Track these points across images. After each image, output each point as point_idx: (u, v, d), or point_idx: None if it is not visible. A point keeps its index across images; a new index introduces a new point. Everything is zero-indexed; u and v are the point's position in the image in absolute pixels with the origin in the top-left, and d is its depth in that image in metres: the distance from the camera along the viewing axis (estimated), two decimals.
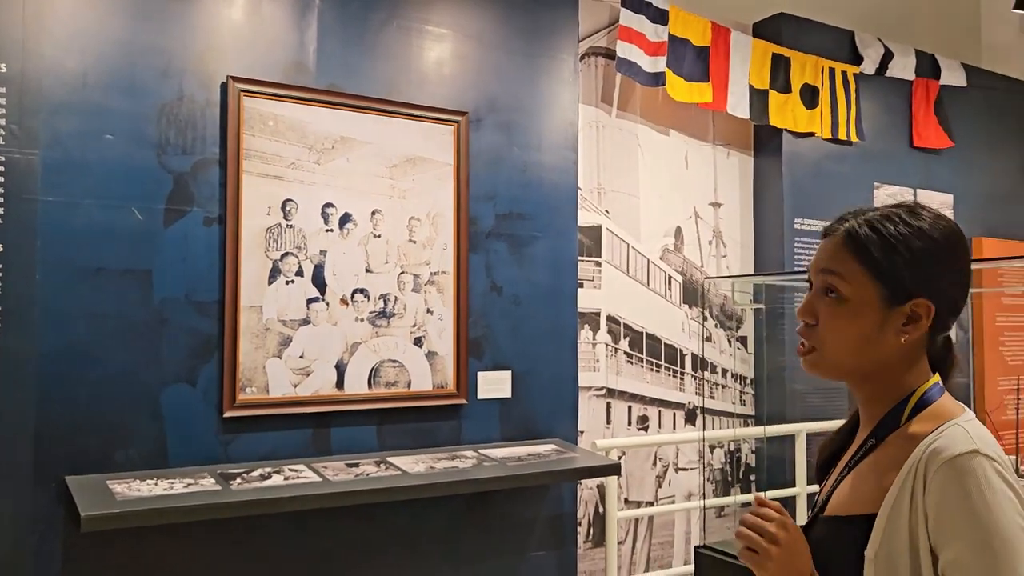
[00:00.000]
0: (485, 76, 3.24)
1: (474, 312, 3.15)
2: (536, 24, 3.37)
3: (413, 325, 3.02)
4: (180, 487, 2.40)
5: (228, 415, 2.66)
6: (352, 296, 2.90)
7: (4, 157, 2.38)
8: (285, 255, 2.79)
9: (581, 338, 3.66)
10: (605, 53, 3.90)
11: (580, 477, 3.35)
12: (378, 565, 2.92)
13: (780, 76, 4.23)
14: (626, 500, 3.88)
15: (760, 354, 4.33)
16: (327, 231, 2.87)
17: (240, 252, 2.70)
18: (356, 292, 2.91)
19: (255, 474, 2.57)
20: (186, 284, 2.63)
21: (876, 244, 1.14)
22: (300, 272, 2.81)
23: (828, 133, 4.38)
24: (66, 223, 2.47)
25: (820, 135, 4.36)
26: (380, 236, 2.97)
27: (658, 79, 3.84)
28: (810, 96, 4.32)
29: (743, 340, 4.36)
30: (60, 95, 2.48)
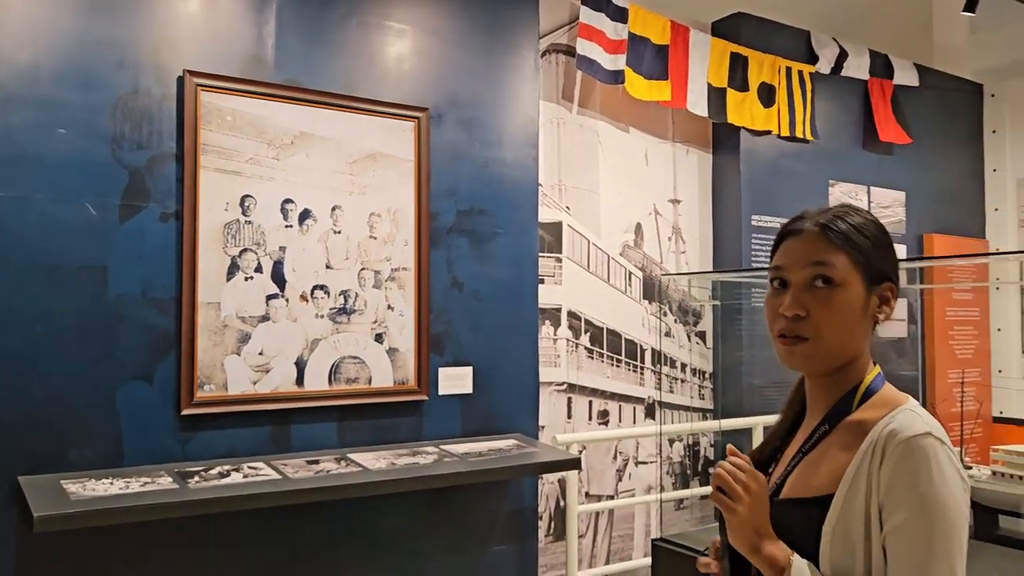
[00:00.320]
0: (446, 72, 3.24)
1: (435, 308, 3.16)
2: (497, 20, 3.38)
3: (374, 321, 3.01)
4: (136, 486, 2.37)
5: (186, 413, 2.64)
6: (312, 292, 2.89)
7: None
8: (244, 251, 2.76)
9: (542, 334, 3.68)
10: (566, 50, 3.92)
11: (541, 472, 3.37)
12: (339, 562, 2.92)
13: (738, 75, 4.29)
14: (586, 494, 3.92)
15: (718, 349, 4.39)
16: (286, 227, 2.85)
17: (198, 248, 2.67)
18: (316, 288, 2.90)
19: (213, 472, 2.55)
20: (142, 280, 2.60)
21: (853, 233, 1.22)
22: (259, 268, 2.79)
23: (785, 131, 4.45)
24: (19, 218, 2.43)
25: (777, 133, 4.43)
26: (340, 232, 2.96)
27: (618, 77, 3.87)
28: (767, 95, 4.39)
29: (702, 335, 4.42)
30: (12, 88, 2.43)
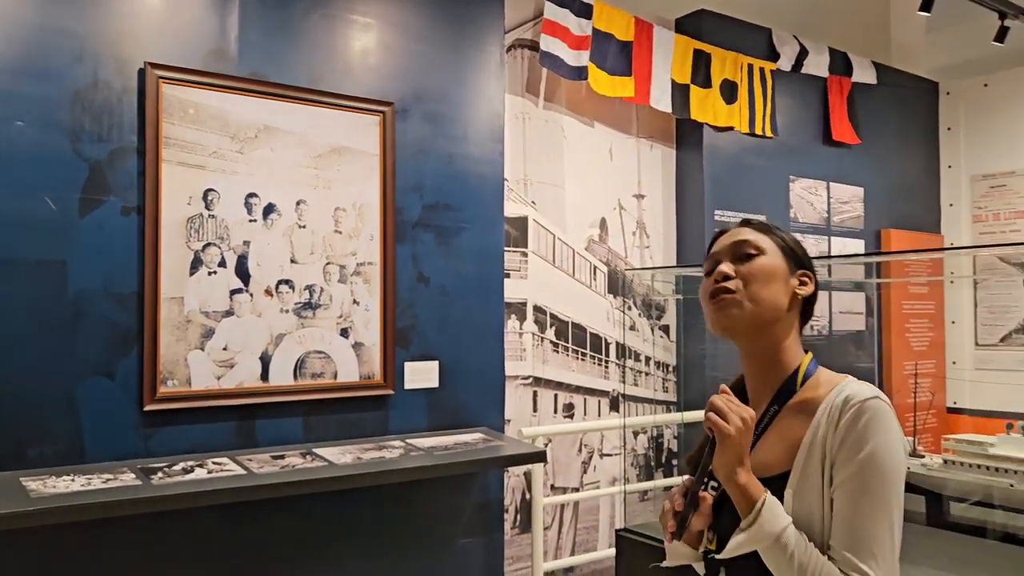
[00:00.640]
0: (411, 67, 3.24)
1: (401, 302, 3.16)
2: (462, 15, 3.38)
3: (339, 316, 3.01)
4: (99, 483, 2.34)
5: (148, 408, 2.61)
6: (277, 287, 2.88)
7: None
8: (207, 246, 2.74)
9: (508, 328, 3.70)
10: (531, 45, 3.94)
11: (507, 465, 3.40)
12: (305, 557, 2.91)
13: (701, 71, 4.35)
14: (552, 486, 3.95)
15: (681, 343, 4.45)
16: (251, 221, 2.83)
17: (160, 243, 2.64)
18: (281, 283, 2.89)
19: (177, 468, 2.53)
20: (103, 275, 2.57)
21: (772, 227, 1.45)
22: (223, 263, 2.77)
23: (746, 128, 4.52)
24: None
25: (739, 129, 4.50)
26: (305, 227, 2.94)
27: (581, 73, 3.90)
28: (729, 91, 4.45)
29: (665, 329, 4.47)
30: None
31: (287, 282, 2.90)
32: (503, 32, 3.54)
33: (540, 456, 3.15)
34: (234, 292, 2.79)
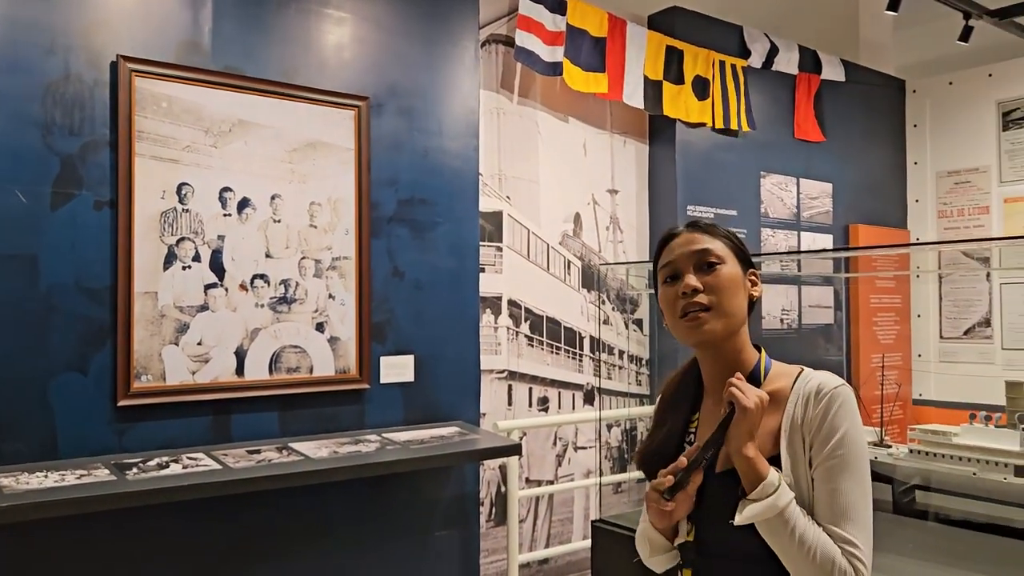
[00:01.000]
0: (386, 61, 3.24)
1: (376, 297, 3.16)
2: (436, 10, 3.38)
3: (315, 310, 3.01)
4: (72, 478, 2.33)
5: (122, 404, 2.60)
6: (252, 282, 2.87)
7: None
8: (181, 240, 2.73)
9: (483, 322, 3.72)
10: (505, 40, 3.95)
11: (482, 458, 3.42)
12: (282, 552, 2.91)
13: (673, 68, 4.39)
14: (527, 479, 3.98)
15: (655, 336, 4.50)
16: (225, 216, 2.82)
17: (133, 237, 2.63)
18: (256, 278, 2.88)
19: (152, 464, 2.52)
20: (75, 270, 2.54)
21: (718, 228, 1.48)
22: (197, 257, 2.76)
23: (720, 123, 4.56)
24: None
25: (711, 126, 4.55)
26: (280, 221, 2.94)
27: (556, 68, 3.92)
28: (702, 88, 4.49)
29: (639, 323, 4.52)
30: None
31: (262, 277, 2.90)
32: (478, 27, 3.55)
33: (515, 449, 3.17)
34: (209, 287, 2.78)
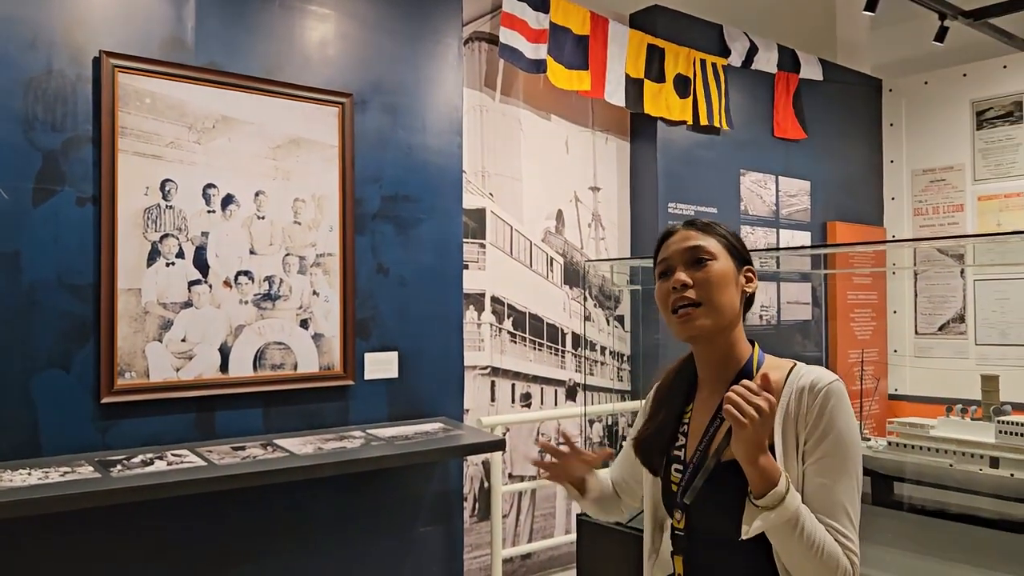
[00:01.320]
0: (369, 58, 3.24)
1: (361, 293, 3.17)
2: (420, 7, 3.39)
3: (299, 307, 3.01)
4: (56, 476, 2.32)
5: (106, 401, 2.59)
6: (236, 278, 2.87)
7: None
8: (165, 236, 2.72)
9: (466, 319, 3.73)
10: (488, 38, 3.96)
11: (466, 454, 3.42)
12: (267, 548, 2.92)
13: (655, 66, 4.42)
14: (510, 475, 4.00)
15: (636, 332, 4.53)
16: (209, 212, 2.81)
17: (116, 233, 2.61)
18: (240, 274, 2.87)
19: (136, 460, 2.52)
20: (58, 266, 2.53)
21: (714, 225, 1.51)
22: (181, 254, 2.75)
23: (703, 121, 4.61)
24: None
25: (691, 124, 4.59)
26: (264, 218, 2.94)
27: (539, 66, 3.94)
28: (682, 86, 4.53)
29: (620, 319, 4.55)
30: None
31: (246, 273, 2.89)
32: (461, 24, 3.56)
33: (499, 445, 3.19)
34: (192, 283, 2.77)
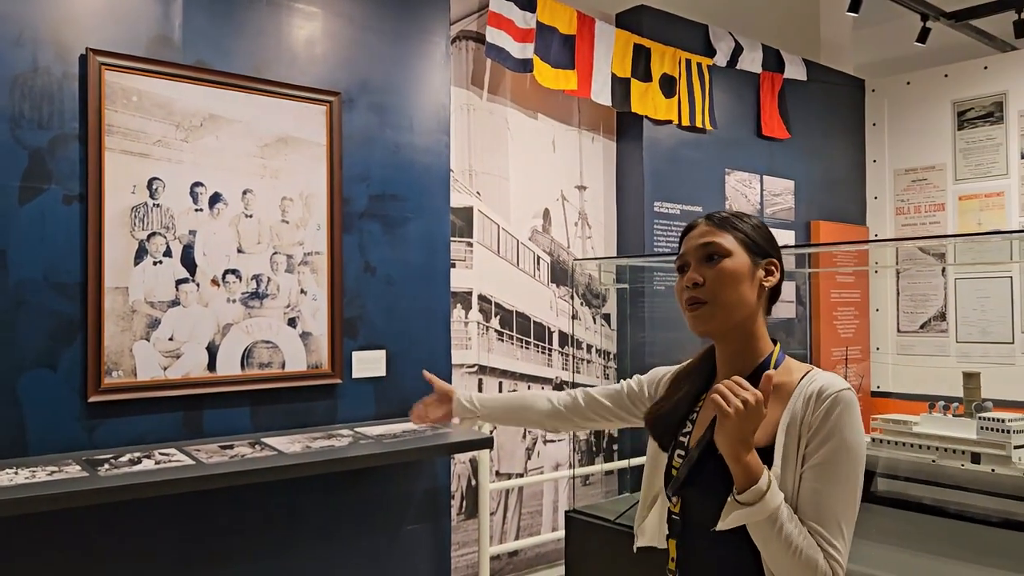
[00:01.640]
0: (357, 57, 3.24)
1: (348, 292, 3.17)
2: (407, 6, 3.39)
3: (287, 306, 3.01)
4: (43, 475, 2.31)
5: (93, 400, 2.58)
6: (223, 277, 2.86)
7: None
8: (152, 235, 2.71)
9: (454, 317, 3.74)
10: (475, 37, 3.97)
11: (454, 452, 3.44)
12: (255, 546, 2.91)
13: (641, 66, 4.45)
14: (497, 472, 4.02)
15: (623, 331, 4.56)
16: (196, 211, 2.81)
17: (103, 232, 2.61)
18: (228, 273, 2.87)
19: (124, 459, 2.51)
20: (44, 265, 2.52)
21: (734, 219, 1.50)
22: (168, 253, 2.74)
23: (686, 121, 4.64)
24: None
25: (677, 123, 4.62)
26: (252, 216, 2.93)
27: (526, 65, 3.95)
28: (668, 85, 4.56)
29: (606, 317, 4.57)
30: None
31: (234, 272, 2.89)
32: (448, 23, 3.57)
33: (486, 443, 3.20)
34: (180, 282, 2.77)
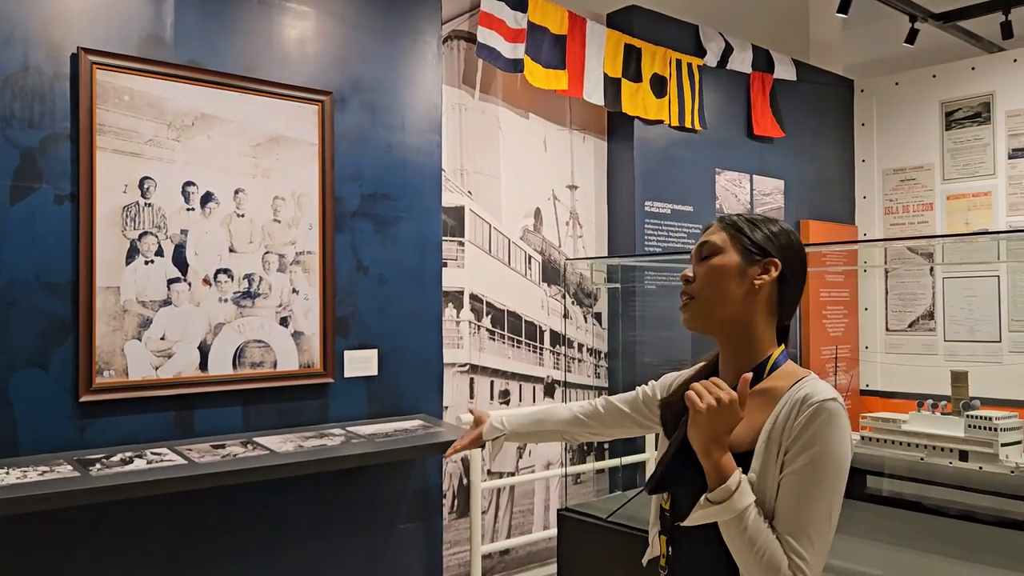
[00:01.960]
0: (349, 56, 3.24)
1: (340, 291, 3.18)
2: (399, 5, 3.40)
3: (279, 305, 3.01)
4: (35, 475, 2.31)
5: (84, 400, 2.58)
6: (215, 276, 2.86)
7: None
8: (144, 234, 2.71)
9: (445, 316, 3.75)
10: (467, 37, 3.98)
11: (445, 451, 3.45)
12: (247, 546, 2.92)
13: (632, 66, 4.46)
14: (488, 471, 4.03)
15: (614, 329, 4.57)
16: (188, 210, 2.81)
17: (95, 231, 2.60)
18: (219, 272, 2.87)
19: (115, 459, 2.51)
20: (36, 264, 2.51)
21: (739, 220, 1.52)
22: (160, 252, 2.74)
23: (676, 121, 4.66)
24: None
25: (668, 123, 4.63)
26: (244, 215, 2.93)
27: (517, 65, 3.96)
28: (659, 86, 4.58)
29: (598, 316, 4.59)
30: None
31: (226, 271, 2.89)
32: (440, 22, 3.58)
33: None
34: (172, 281, 2.77)
